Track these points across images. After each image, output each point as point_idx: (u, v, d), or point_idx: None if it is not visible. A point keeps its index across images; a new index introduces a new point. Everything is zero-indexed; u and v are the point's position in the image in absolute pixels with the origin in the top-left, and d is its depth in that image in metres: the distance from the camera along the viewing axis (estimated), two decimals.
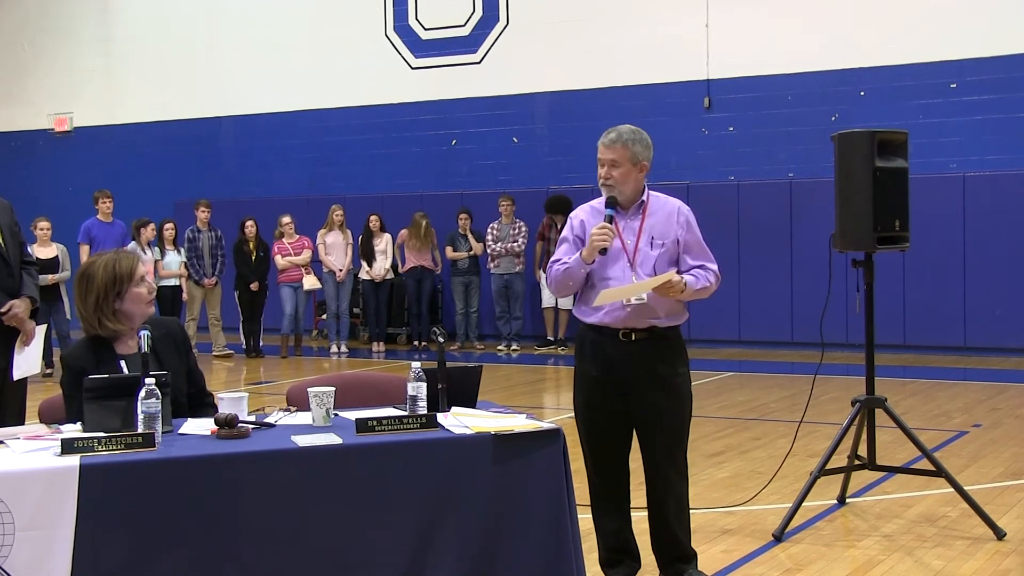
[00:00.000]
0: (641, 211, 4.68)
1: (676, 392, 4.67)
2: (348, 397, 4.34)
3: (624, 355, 4.61)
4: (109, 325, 4.18)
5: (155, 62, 17.49)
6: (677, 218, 4.69)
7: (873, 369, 5.87)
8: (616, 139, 4.64)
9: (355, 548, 3.61)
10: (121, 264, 4.24)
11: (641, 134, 4.68)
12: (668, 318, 4.65)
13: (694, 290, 4.59)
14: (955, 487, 5.63)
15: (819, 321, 6.16)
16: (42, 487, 3.29)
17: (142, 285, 4.25)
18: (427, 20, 15.66)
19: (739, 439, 8.12)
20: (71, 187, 17.72)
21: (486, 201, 14.40)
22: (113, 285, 4.19)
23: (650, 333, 4.62)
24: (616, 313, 4.60)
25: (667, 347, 4.66)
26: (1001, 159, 12.61)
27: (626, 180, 4.63)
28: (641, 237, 4.64)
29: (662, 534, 4.75)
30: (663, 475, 4.70)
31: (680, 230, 4.67)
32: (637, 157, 4.64)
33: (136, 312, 4.24)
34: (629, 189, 4.65)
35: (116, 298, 4.19)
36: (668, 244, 4.65)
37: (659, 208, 4.71)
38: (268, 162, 16.52)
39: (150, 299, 4.29)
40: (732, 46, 13.78)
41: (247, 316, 14.13)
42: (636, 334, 4.61)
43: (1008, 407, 9.37)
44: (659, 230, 4.66)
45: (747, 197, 13.55)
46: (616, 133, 4.67)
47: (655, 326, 4.62)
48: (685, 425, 4.74)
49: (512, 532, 3.77)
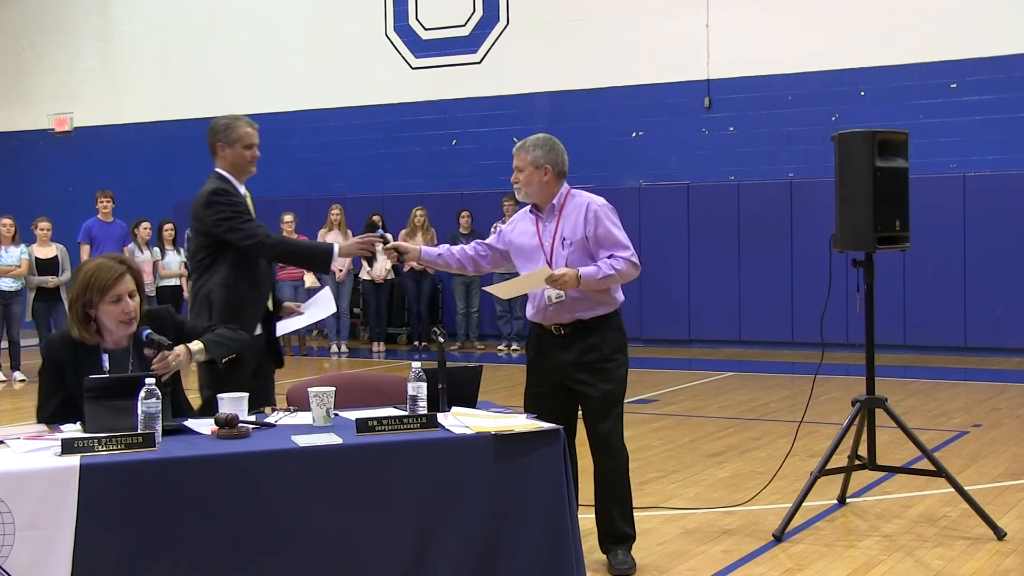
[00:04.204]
0: (556, 213, 5.04)
1: (606, 376, 4.96)
2: (348, 397, 4.34)
3: (557, 346, 4.99)
4: (80, 330, 4.06)
5: (155, 62, 17.49)
6: (586, 215, 4.99)
7: (873, 369, 5.87)
8: (521, 146, 5.06)
9: (355, 548, 3.61)
10: (99, 276, 4.05)
11: (548, 140, 5.07)
12: (591, 308, 4.96)
13: (596, 280, 4.89)
14: (955, 487, 5.62)
15: (819, 321, 6.17)
16: (42, 487, 3.29)
17: (117, 304, 4.04)
18: (427, 20, 15.67)
19: (739, 439, 8.12)
20: (71, 187, 17.74)
21: (486, 201, 14.40)
22: (84, 293, 4.06)
23: (578, 326, 4.96)
24: (544, 312, 4.99)
25: (596, 335, 4.97)
26: (1001, 159, 12.61)
27: (529, 183, 5.02)
28: (555, 238, 5.00)
29: (600, 512, 5.04)
30: (599, 456, 5.02)
31: (588, 227, 4.97)
32: (538, 161, 5.00)
33: (110, 327, 4.08)
34: (535, 191, 5.03)
35: (89, 306, 4.06)
36: (576, 242, 4.96)
37: (572, 208, 5.04)
38: (268, 162, 16.38)
39: (126, 319, 4.06)
40: (732, 46, 13.78)
41: None
42: (564, 328, 4.98)
43: (1008, 407, 9.37)
44: (569, 230, 4.98)
45: (747, 197, 13.54)
46: (523, 141, 5.09)
47: (580, 319, 4.95)
48: (617, 407, 5.01)
49: (512, 532, 3.77)
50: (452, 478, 3.72)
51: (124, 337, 4.12)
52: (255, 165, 5.17)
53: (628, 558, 4.96)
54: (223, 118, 5.19)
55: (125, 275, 4.09)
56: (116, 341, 4.13)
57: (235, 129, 5.10)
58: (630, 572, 4.93)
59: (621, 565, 4.93)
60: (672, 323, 13.54)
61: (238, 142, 5.08)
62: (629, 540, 5.02)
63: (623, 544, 4.99)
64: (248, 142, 5.10)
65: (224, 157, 5.10)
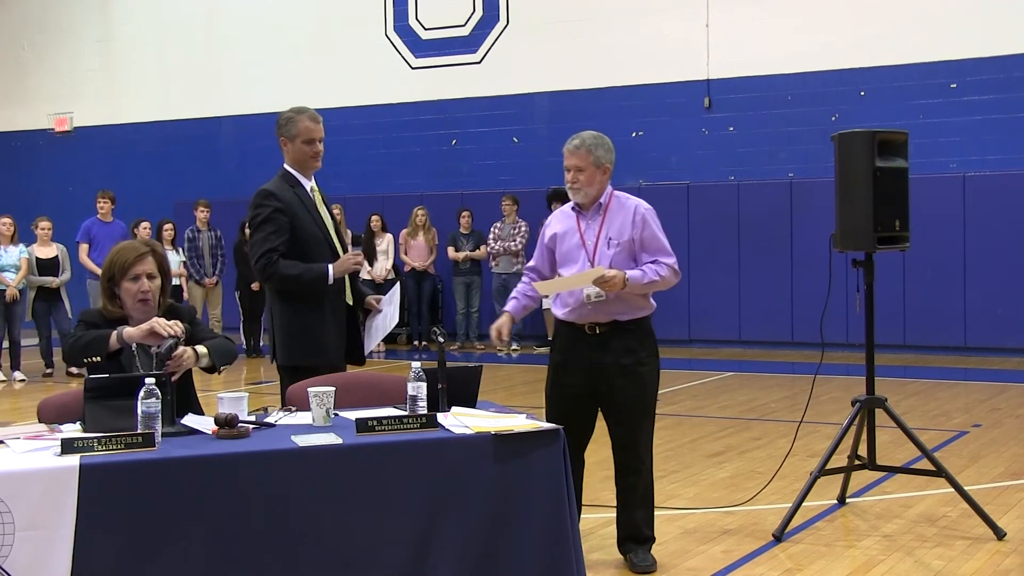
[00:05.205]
0: (601, 212, 5.01)
1: (639, 380, 4.98)
2: (348, 397, 4.34)
3: (590, 346, 4.96)
4: (109, 307, 4.27)
5: (155, 62, 17.49)
6: (633, 217, 5.00)
7: (873, 369, 5.87)
8: (580, 145, 4.99)
9: (355, 548, 3.61)
10: (121, 255, 4.29)
11: (603, 139, 5.03)
12: (629, 311, 4.97)
13: (641, 284, 4.90)
14: (955, 487, 5.62)
15: (819, 321, 6.16)
16: (42, 487, 3.29)
17: (135, 283, 4.25)
18: (427, 20, 15.67)
19: (739, 439, 8.12)
20: (71, 187, 17.73)
21: (486, 201, 14.41)
22: (109, 270, 4.30)
23: (613, 326, 4.95)
24: (581, 310, 4.94)
25: (631, 338, 4.98)
26: (1001, 159, 12.61)
27: (591, 183, 4.98)
28: (600, 237, 4.98)
29: (624, 515, 5.10)
30: (630, 461, 5.04)
31: (636, 229, 4.97)
32: (600, 160, 4.98)
33: (129, 305, 4.27)
34: (594, 191, 5.00)
35: (114, 284, 4.28)
36: (623, 243, 4.96)
37: (618, 208, 5.03)
38: (268, 162, 16.44)
39: (142, 298, 4.25)
40: (732, 46, 13.78)
41: (248, 316, 14.14)
42: (600, 328, 4.95)
43: (1008, 407, 9.37)
44: (616, 230, 4.99)
45: (747, 197, 13.55)
46: (580, 139, 5.02)
47: (618, 319, 4.94)
48: (648, 412, 5.05)
49: (512, 532, 3.77)
50: (452, 478, 3.72)
51: (144, 320, 4.21)
52: (319, 160, 5.14)
53: (649, 556, 5.05)
54: (287, 111, 5.16)
55: (146, 256, 4.30)
56: (139, 322, 4.22)
57: (296, 124, 5.09)
58: (652, 570, 5.00)
59: (643, 563, 5.01)
60: (672, 323, 13.50)
61: (298, 137, 5.08)
62: (650, 541, 5.12)
63: (644, 545, 5.08)
64: (308, 137, 5.08)
65: (288, 152, 5.11)
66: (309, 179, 5.16)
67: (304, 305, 5.05)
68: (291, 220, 5.04)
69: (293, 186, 5.11)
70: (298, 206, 5.06)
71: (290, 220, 5.04)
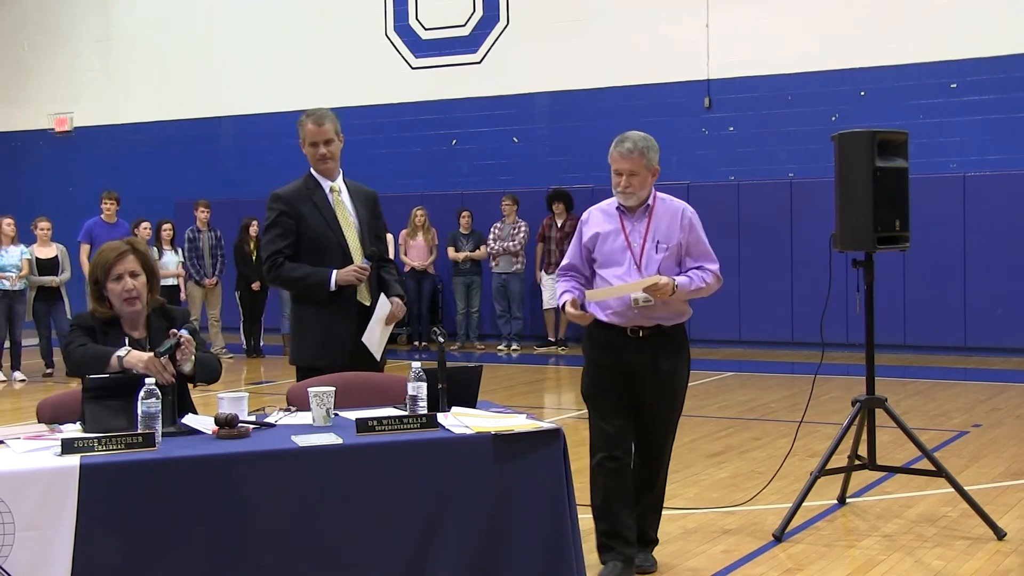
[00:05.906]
0: (647, 214, 4.90)
1: (672, 387, 4.97)
2: (348, 397, 4.34)
3: (632, 349, 4.88)
4: (99, 309, 4.25)
5: (155, 62, 17.48)
6: (681, 221, 4.92)
7: (873, 369, 5.87)
8: (632, 149, 4.84)
9: (355, 548, 3.61)
10: (102, 256, 4.27)
11: (651, 140, 4.92)
12: (673, 316, 4.92)
13: (688, 291, 4.84)
14: (955, 487, 5.62)
15: (819, 321, 6.16)
16: (42, 487, 3.29)
17: (118, 283, 4.22)
18: (427, 20, 15.66)
19: (739, 439, 8.12)
20: (71, 187, 17.73)
21: (487, 201, 14.40)
22: (94, 273, 4.29)
23: (656, 330, 4.89)
24: (627, 314, 4.84)
25: (672, 343, 4.95)
26: (1001, 159, 12.61)
27: (644, 187, 4.88)
28: (647, 240, 4.87)
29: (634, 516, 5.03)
30: (651, 465, 5.04)
31: (683, 233, 4.90)
32: (652, 164, 4.88)
33: (117, 305, 4.25)
34: (645, 194, 4.90)
35: (100, 287, 4.26)
36: (672, 247, 4.88)
37: (664, 211, 4.92)
38: (268, 162, 16.49)
39: (127, 297, 4.22)
40: (732, 46, 13.78)
41: (248, 316, 14.13)
42: (644, 331, 4.87)
43: (1008, 407, 9.37)
44: (663, 233, 4.89)
45: (747, 197, 13.55)
46: (631, 143, 4.86)
47: (661, 324, 4.89)
48: (677, 417, 5.06)
49: (512, 532, 3.77)
50: (452, 478, 3.72)
51: (136, 320, 4.24)
52: (326, 162, 5.15)
53: (650, 557, 5.09)
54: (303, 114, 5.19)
55: (126, 255, 4.25)
56: (131, 324, 4.24)
57: (301, 128, 5.17)
58: (652, 570, 5.04)
59: (643, 563, 5.03)
60: None
61: (304, 141, 5.15)
62: (653, 544, 5.16)
63: (648, 547, 5.11)
64: (311, 140, 5.12)
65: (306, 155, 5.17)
66: (332, 179, 5.17)
67: (313, 307, 5.09)
68: (297, 223, 5.06)
69: (310, 188, 5.14)
70: (308, 209, 5.08)
71: (296, 223, 5.06)
